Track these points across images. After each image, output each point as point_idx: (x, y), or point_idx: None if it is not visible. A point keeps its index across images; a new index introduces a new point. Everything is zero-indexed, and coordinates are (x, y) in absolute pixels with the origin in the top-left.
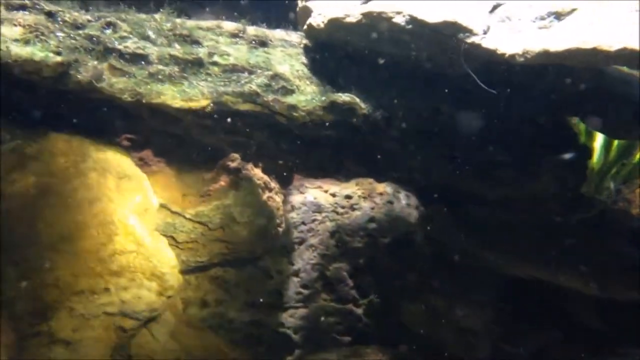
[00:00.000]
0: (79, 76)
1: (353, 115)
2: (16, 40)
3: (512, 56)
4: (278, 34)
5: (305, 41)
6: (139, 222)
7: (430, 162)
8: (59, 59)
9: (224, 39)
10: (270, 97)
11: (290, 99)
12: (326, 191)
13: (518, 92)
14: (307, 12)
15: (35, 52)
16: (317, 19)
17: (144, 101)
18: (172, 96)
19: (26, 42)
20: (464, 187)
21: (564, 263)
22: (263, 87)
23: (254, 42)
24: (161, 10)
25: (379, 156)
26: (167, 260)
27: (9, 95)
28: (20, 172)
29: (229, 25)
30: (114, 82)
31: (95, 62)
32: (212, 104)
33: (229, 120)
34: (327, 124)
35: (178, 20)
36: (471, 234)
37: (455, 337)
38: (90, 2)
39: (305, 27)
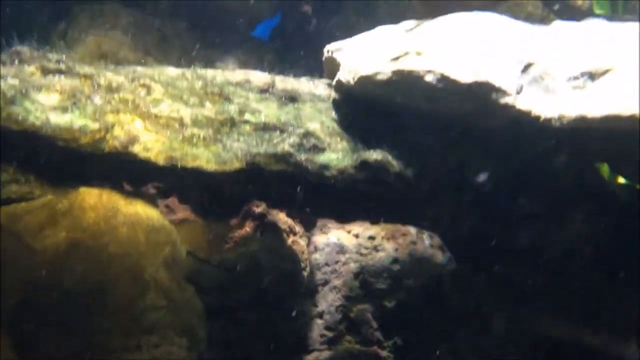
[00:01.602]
0: (115, 142)
1: (385, 174)
2: (54, 108)
3: (548, 120)
4: (305, 85)
5: (334, 95)
6: (168, 275)
7: (460, 213)
8: (96, 126)
9: (253, 95)
10: (302, 156)
11: (322, 158)
12: (349, 232)
13: (547, 144)
14: (334, 63)
15: (74, 120)
16: (347, 76)
17: (178, 165)
18: (207, 160)
19: (64, 109)
20: (493, 238)
21: (601, 323)
22: (295, 147)
23: (283, 97)
24: (193, 65)
25: (407, 207)
26: (196, 312)
27: (42, 158)
28: (51, 228)
29: (258, 79)
30: (149, 146)
31: (131, 127)
32: (245, 166)
33: (260, 178)
34: (358, 182)
35: (209, 76)
36: (501, 287)
37: None
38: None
39: (334, 82)
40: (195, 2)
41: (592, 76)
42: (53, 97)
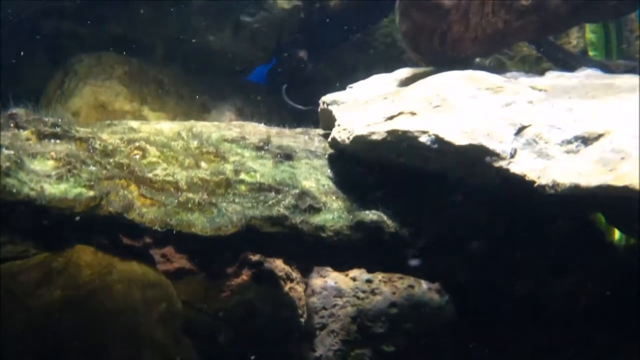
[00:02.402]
0: (110, 208)
1: (380, 234)
2: (49, 176)
3: (542, 187)
4: (300, 139)
5: (329, 151)
6: (164, 332)
7: (456, 267)
8: (91, 193)
9: (249, 153)
10: (298, 218)
11: (317, 219)
12: (346, 275)
13: (543, 201)
14: (329, 115)
15: (69, 189)
16: (342, 135)
17: (174, 232)
18: (202, 226)
19: (59, 177)
20: (490, 289)
21: None
22: (290, 209)
23: (279, 155)
24: (192, 120)
25: (403, 260)
26: None
27: (38, 221)
28: (46, 286)
29: (254, 135)
30: (144, 212)
31: (126, 192)
32: (240, 229)
33: (256, 235)
34: (353, 241)
35: (204, 134)
36: (499, 337)
37: None
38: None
39: (330, 139)
40: (191, 49)
41: (586, 141)
42: (48, 164)
